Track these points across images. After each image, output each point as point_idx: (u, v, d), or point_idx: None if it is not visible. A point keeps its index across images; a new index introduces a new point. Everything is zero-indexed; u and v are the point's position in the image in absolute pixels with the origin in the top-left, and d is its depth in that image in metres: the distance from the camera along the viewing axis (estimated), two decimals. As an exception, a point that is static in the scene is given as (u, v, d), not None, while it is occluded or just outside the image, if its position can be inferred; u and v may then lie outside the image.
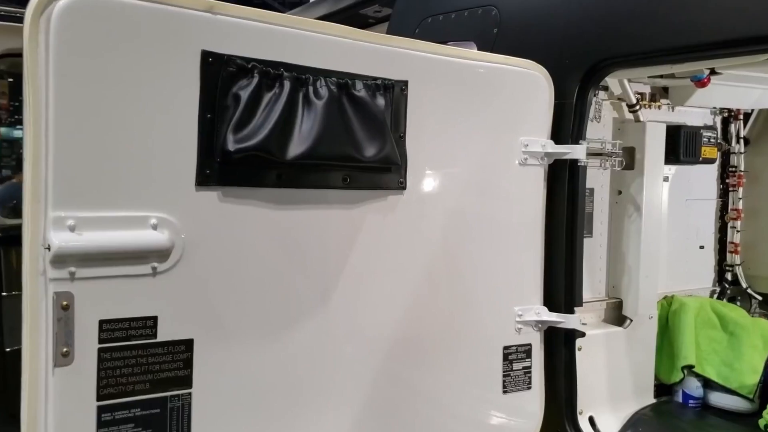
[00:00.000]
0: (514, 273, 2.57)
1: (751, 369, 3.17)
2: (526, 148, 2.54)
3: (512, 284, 2.57)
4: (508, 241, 2.53)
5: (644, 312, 3.09)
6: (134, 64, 1.74)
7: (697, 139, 3.16)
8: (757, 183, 3.52)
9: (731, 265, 3.56)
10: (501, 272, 2.53)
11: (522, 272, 2.59)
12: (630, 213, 3.08)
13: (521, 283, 2.60)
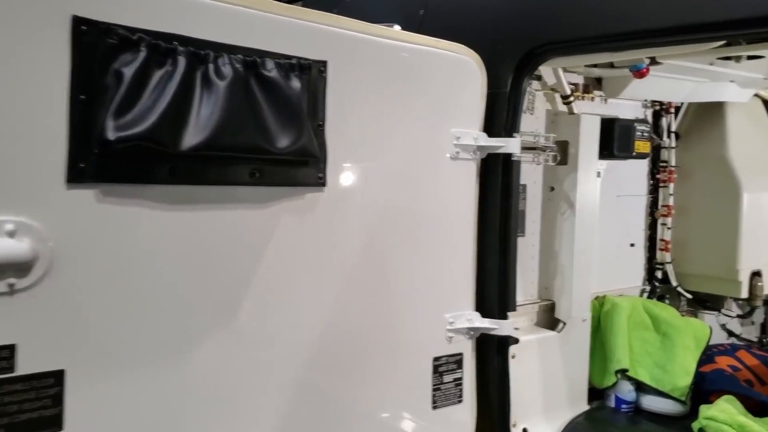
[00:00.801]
0: (445, 277, 2.32)
1: (683, 371, 3.04)
2: (457, 141, 2.29)
3: (443, 289, 2.33)
4: (439, 242, 2.28)
5: (578, 314, 2.90)
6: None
7: (630, 132, 2.99)
8: (687, 179, 3.40)
9: (661, 263, 3.44)
10: (431, 276, 2.27)
11: (453, 276, 2.35)
12: (563, 210, 2.88)
13: (452, 288, 2.35)
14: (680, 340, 3.08)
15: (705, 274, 3.35)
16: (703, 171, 3.37)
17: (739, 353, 3.48)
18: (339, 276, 2.05)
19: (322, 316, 2.02)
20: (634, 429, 2.94)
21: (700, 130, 3.43)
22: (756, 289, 3.26)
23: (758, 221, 3.26)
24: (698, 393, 3.06)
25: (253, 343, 1.87)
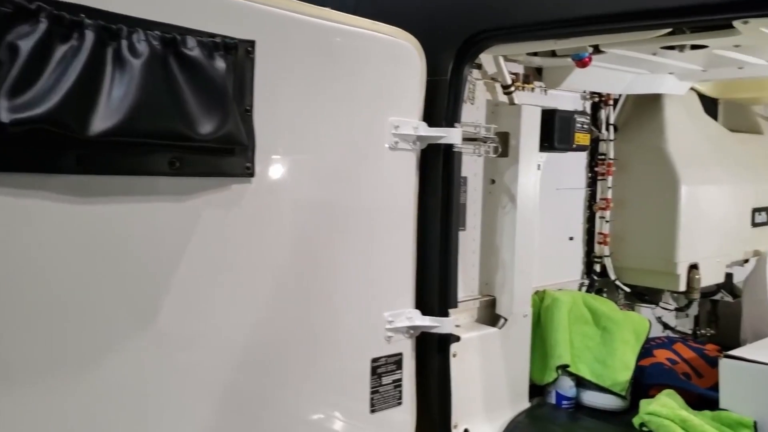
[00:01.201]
0: (383, 274, 2.21)
1: (623, 365, 3.02)
2: (396, 131, 2.18)
3: (381, 287, 2.21)
4: (377, 237, 2.17)
5: (519, 310, 2.84)
6: None
7: (571, 124, 2.94)
8: (625, 171, 3.38)
9: (600, 256, 3.41)
10: (369, 273, 2.16)
11: (392, 272, 2.24)
12: (504, 204, 2.81)
13: (392, 285, 2.24)
14: (620, 334, 3.05)
15: (643, 267, 3.34)
16: (641, 163, 3.36)
17: (676, 346, 3.49)
18: (269, 274, 1.91)
19: (250, 317, 1.87)
20: (574, 426, 2.89)
21: (638, 123, 3.42)
22: (693, 282, 3.27)
23: (696, 214, 3.27)
24: (638, 387, 3.04)
25: (175, 347, 1.71)
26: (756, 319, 3.70)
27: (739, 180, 3.58)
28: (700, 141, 3.49)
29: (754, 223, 3.66)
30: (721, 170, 3.50)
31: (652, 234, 3.30)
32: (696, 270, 3.27)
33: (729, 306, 3.93)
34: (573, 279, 3.39)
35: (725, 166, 3.54)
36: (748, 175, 3.68)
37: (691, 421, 2.55)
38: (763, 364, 2.63)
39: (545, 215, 3.16)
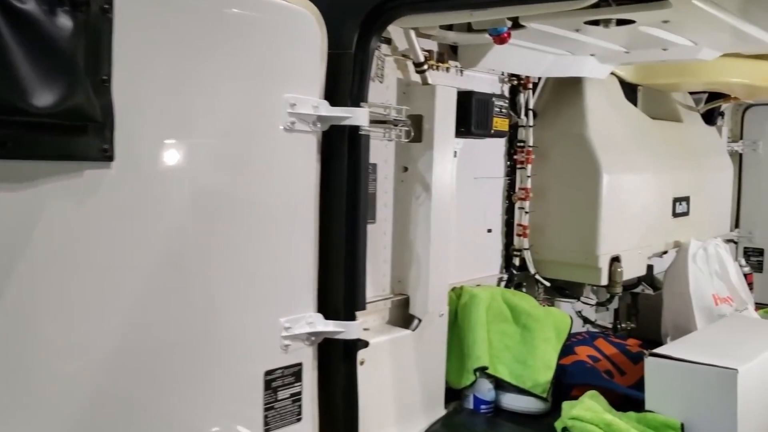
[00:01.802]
0: (279, 274, 1.95)
1: (544, 365, 2.87)
2: (292, 109, 1.91)
3: (277, 288, 1.95)
4: (271, 232, 1.90)
5: (434, 309, 2.63)
6: None
7: (488, 108, 2.76)
8: (545, 160, 3.23)
9: (519, 249, 3.25)
10: (261, 274, 1.89)
11: (290, 272, 1.98)
12: (418, 194, 2.59)
13: (289, 287, 1.98)
14: (541, 332, 2.90)
15: (563, 260, 3.20)
16: (561, 151, 3.21)
17: (597, 342, 3.38)
18: (136, 273, 1.61)
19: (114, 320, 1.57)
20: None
21: (558, 108, 3.28)
22: (615, 276, 3.15)
23: (618, 204, 3.15)
24: (559, 387, 2.90)
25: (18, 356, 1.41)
26: (677, 312, 3.64)
27: (660, 169, 3.50)
28: (621, 128, 3.38)
29: (675, 213, 3.60)
30: (643, 159, 3.41)
31: (572, 225, 3.16)
32: (618, 263, 3.15)
33: (649, 299, 3.87)
34: (491, 273, 3.22)
35: (646, 154, 3.45)
36: (669, 163, 3.61)
37: (616, 425, 2.41)
38: (689, 362, 2.52)
39: (462, 206, 2.97)
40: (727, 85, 3.66)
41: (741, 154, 5.47)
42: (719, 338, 2.91)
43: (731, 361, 2.50)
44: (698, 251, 3.62)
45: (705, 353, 2.62)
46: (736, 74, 3.43)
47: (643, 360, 3.31)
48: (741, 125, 5.52)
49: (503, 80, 3.14)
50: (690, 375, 2.53)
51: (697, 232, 3.81)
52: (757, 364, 2.56)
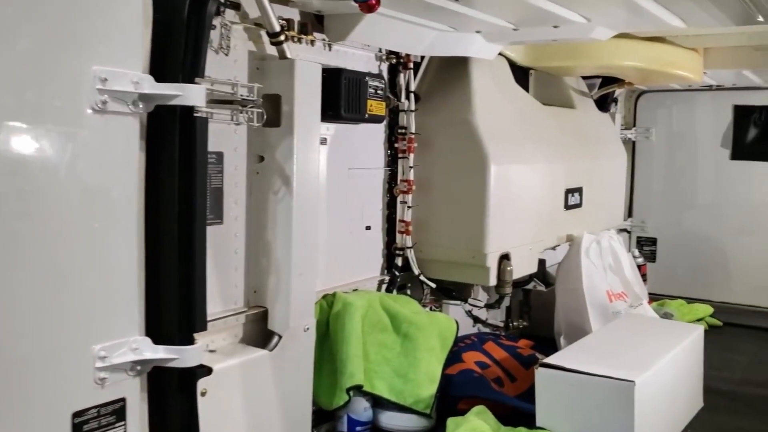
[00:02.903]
0: (91, 290, 1.56)
1: (427, 378, 2.59)
2: (104, 86, 1.53)
3: (89, 308, 1.56)
4: (79, 236, 1.52)
5: (299, 323, 2.28)
6: None
7: (362, 89, 2.43)
8: (429, 148, 2.94)
9: (402, 248, 2.95)
10: (68, 291, 1.51)
11: (106, 286, 1.60)
12: (277, 188, 2.23)
13: (105, 304, 1.60)
14: (424, 341, 2.62)
15: (450, 259, 2.92)
16: (445, 139, 2.91)
17: (487, 346, 3.15)
18: None
19: None
20: (370, 458, 2.44)
21: (443, 91, 2.99)
22: (505, 275, 2.90)
23: (507, 197, 2.90)
24: (445, 400, 2.65)
25: None
26: (570, 310, 3.47)
27: (552, 158, 3.28)
28: (511, 114, 3.13)
29: (567, 205, 3.40)
30: (534, 147, 3.18)
31: (458, 221, 2.88)
32: (507, 261, 2.91)
33: (542, 295, 3.69)
34: (371, 276, 2.90)
35: (538, 142, 3.23)
36: (562, 152, 3.41)
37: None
38: (582, 373, 2.31)
39: (336, 201, 2.65)
40: (620, 69, 3.50)
41: (634, 142, 5.44)
42: (614, 342, 2.73)
43: (627, 371, 2.30)
44: (591, 245, 3.46)
45: (599, 362, 2.41)
46: (630, 57, 3.26)
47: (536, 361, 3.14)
48: (634, 112, 5.48)
49: (381, 58, 2.81)
50: (584, 388, 2.32)
51: (590, 224, 3.65)
52: (653, 373, 2.37)
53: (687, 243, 5.34)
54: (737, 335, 4.10)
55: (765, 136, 4.94)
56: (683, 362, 2.72)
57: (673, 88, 5.14)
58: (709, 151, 5.22)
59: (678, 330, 2.93)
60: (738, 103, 5.03)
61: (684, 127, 5.33)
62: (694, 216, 5.32)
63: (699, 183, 5.31)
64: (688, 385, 2.82)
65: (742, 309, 4.97)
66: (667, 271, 5.34)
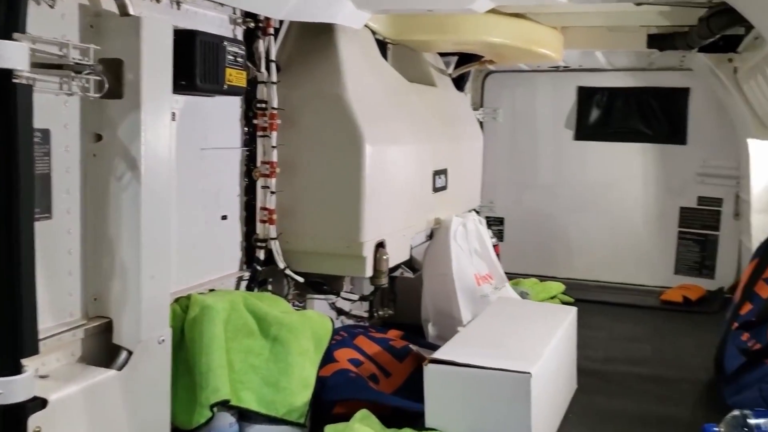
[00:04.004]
0: None
1: (301, 384, 2.32)
2: None
3: None
4: None
5: (151, 334, 1.91)
6: None
7: (219, 55, 2.09)
8: (294, 126, 2.63)
9: (264, 239, 2.64)
10: None
11: None
12: (120, 173, 1.83)
13: None
14: (296, 343, 2.34)
15: (320, 250, 2.64)
16: (313, 115, 2.62)
17: (358, 341, 2.92)
18: None
19: None
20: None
21: (306, 62, 2.69)
22: (381, 264, 2.68)
23: (382, 181, 2.67)
24: (319, 405, 2.39)
25: None
26: (438, 295, 3.34)
27: (420, 139, 3.10)
28: (381, 91, 2.90)
29: (435, 188, 3.25)
30: (404, 127, 2.97)
31: (330, 207, 2.60)
32: (383, 249, 2.69)
33: (408, 282, 3.53)
34: (229, 272, 2.56)
35: (407, 122, 3.03)
36: (428, 133, 3.24)
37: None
38: (476, 368, 2.15)
39: (186, 187, 2.29)
40: (486, 46, 3.38)
41: (482, 122, 5.45)
42: (497, 331, 2.60)
43: (521, 362, 2.18)
44: (458, 228, 3.34)
45: (489, 354, 2.28)
46: (498, 33, 3.16)
47: (409, 356, 2.97)
48: (481, 92, 5.49)
49: (236, 21, 2.46)
50: (478, 382, 2.17)
51: (454, 206, 3.54)
52: (545, 362, 2.27)
53: (531, 222, 5.46)
54: (589, 311, 4.20)
55: (607, 117, 5.14)
56: (564, 346, 2.67)
57: (519, 69, 5.20)
58: (553, 132, 5.35)
59: (554, 313, 2.88)
60: (581, 84, 5.19)
61: (528, 108, 5.42)
62: (535, 195, 5.44)
63: (541, 163, 5.43)
64: (568, 369, 2.77)
65: (586, 284, 5.16)
66: (515, 249, 5.43)
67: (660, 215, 5.15)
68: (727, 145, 4.83)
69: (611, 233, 5.26)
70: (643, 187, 5.16)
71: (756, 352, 2.62)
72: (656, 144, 5.06)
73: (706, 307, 4.53)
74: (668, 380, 3.14)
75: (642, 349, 3.61)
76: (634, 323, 4.19)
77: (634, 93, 5.03)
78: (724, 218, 4.98)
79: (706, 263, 5.06)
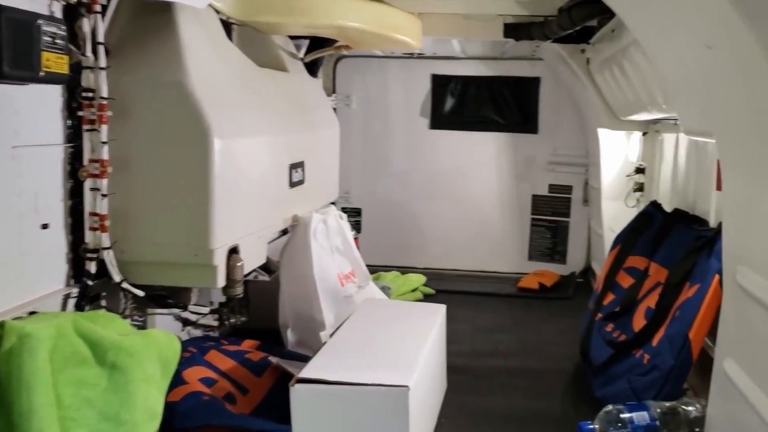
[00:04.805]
0: None
1: (147, 415, 2.03)
2: None
3: None
4: None
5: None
6: None
7: (34, 36, 1.76)
8: (127, 118, 2.28)
9: (95, 249, 2.29)
10: None
11: None
12: None
13: None
14: (139, 369, 2.04)
15: (164, 260, 2.33)
16: (150, 106, 2.27)
17: (210, 356, 2.66)
18: None
19: None
20: None
21: (141, 44, 2.36)
22: (235, 272, 2.42)
23: (233, 179, 2.39)
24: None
25: None
26: (298, 299, 3.14)
27: (275, 130, 2.85)
28: (228, 77, 2.60)
29: (292, 182, 3.02)
30: (257, 117, 2.70)
31: (174, 211, 2.28)
32: (236, 255, 2.44)
33: (263, 285, 3.30)
34: (53, 290, 2.20)
35: (259, 111, 2.76)
36: (283, 122, 3.00)
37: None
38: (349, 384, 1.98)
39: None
40: (341, 30, 3.19)
41: (335, 109, 5.29)
42: (366, 339, 2.45)
43: (396, 374, 2.05)
44: (318, 225, 3.15)
45: (362, 367, 2.12)
46: (354, 17, 2.98)
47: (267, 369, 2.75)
48: (333, 78, 5.32)
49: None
50: (351, 400, 2.01)
51: (313, 201, 3.34)
52: (420, 371, 2.16)
53: (388, 212, 5.40)
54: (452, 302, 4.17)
55: (461, 106, 5.13)
56: (437, 349, 2.56)
57: (372, 54, 5.07)
58: (408, 119, 5.29)
59: (424, 313, 2.76)
60: (436, 72, 5.14)
61: (382, 95, 5.32)
62: (391, 184, 5.38)
63: (396, 151, 5.36)
64: (440, 371, 2.68)
65: (445, 274, 5.16)
66: (374, 241, 5.34)
67: (513, 203, 5.25)
68: (576, 134, 4.99)
69: (467, 222, 5.30)
70: (496, 175, 5.23)
71: (622, 344, 2.65)
72: (509, 133, 5.13)
73: (562, 292, 4.67)
74: (535, 372, 3.16)
75: (506, 340, 3.63)
76: (495, 312, 4.22)
77: (487, 82, 5.07)
78: (574, 205, 5.15)
79: (558, 249, 5.22)
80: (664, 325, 2.47)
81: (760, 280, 1.58)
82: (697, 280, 2.43)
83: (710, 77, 1.73)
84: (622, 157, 4.41)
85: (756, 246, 1.65)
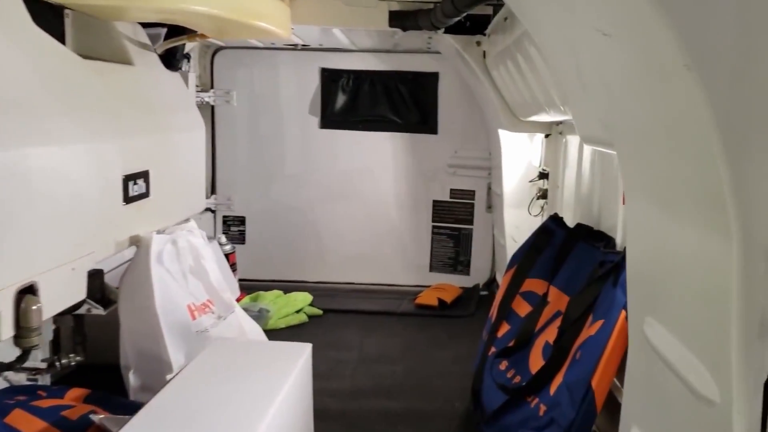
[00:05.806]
0: None
1: None
2: None
3: None
4: None
5: None
6: None
7: None
8: None
9: None
10: None
11: None
12: None
13: None
14: None
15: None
16: None
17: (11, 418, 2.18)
18: None
19: None
20: None
21: None
22: (29, 318, 1.92)
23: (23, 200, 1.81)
24: None
25: None
26: (140, 335, 2.67)
27: (101, 135, 2.36)
28: (28, 72, 2.10)
29: (128, 197, 2.54)
30: (71, 121, 2.20)
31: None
32: (32, 296, 1.95)
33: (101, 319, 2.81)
34: None
35: (77, 113, 2.27)
36: (116, 126, 2.51)
37: None
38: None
39: None
40: (189, 16, 2.73)
41: (213, 106, 4.82)
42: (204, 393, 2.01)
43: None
44: (165, 247, 2.69)
45: None
46: (202, 2, 2.53)
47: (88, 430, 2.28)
48: (211, 72, 4.83)
49: None
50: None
51: (163, 217, 2.87)
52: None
53: (277, 220, 4.96)
54: (338, 325, 3.79)
55: (354, 104, 4.73)
56: (294, 399, 2.15)
57: (254, 45, 4.62)
58: (299, 117, 4.86)
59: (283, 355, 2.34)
60: (326, 66, 4.73)
61: (268, 91, 4.86)
62: (281, 189, 4.94)
63: (287, 152, 4.93)
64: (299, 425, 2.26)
65: (338, 288, 4.76)
66: (259, 252, 4.90)
67: (413, 210, 4.91)
68: (478, 134, 4.68)
69: (365, 231, 4.93)
70: (394, 179, 4.88)
71: (516, 390, 2.30)
72: (407, 133, 4.78)
73: (462, 309, 4.35)
74: (421, 416, 2.78)
75: (393, 374, 3.25)
76: (387, 335, 3.85)
77: (382, 77, 4.68)
78: (478, 211, 4.85)
79: (460, 259, 4.91)
80: (563, 369, 2.14)
81: (673, 340, 1.24)
82: (600, 314, 2.10)
83: (609, 74, 1.39)
84: (526, 161, 4.13)
85: (664, 295, 1.31)
